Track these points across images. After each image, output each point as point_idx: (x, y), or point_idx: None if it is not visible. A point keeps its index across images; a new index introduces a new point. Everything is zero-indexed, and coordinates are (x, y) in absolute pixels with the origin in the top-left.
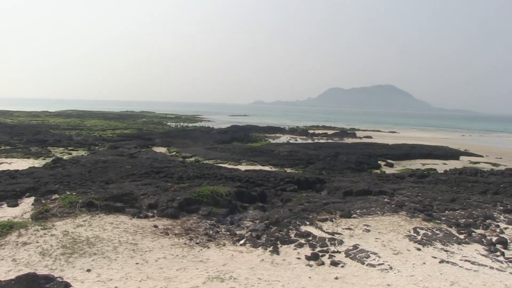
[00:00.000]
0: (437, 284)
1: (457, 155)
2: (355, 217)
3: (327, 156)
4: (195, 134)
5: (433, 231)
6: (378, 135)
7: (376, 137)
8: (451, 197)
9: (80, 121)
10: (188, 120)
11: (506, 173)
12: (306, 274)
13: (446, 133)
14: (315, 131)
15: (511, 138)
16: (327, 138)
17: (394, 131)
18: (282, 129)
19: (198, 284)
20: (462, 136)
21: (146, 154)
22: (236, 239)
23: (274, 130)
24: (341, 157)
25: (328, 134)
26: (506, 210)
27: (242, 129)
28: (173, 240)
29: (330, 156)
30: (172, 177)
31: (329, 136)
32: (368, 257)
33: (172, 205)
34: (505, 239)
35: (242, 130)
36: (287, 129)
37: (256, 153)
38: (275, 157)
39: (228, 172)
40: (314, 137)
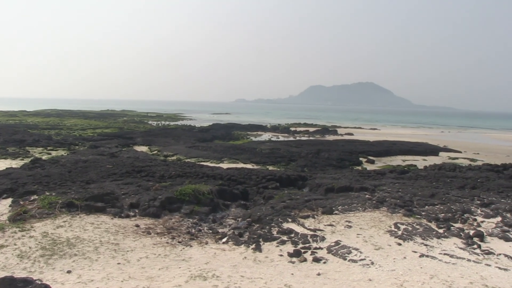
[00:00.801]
0: (417, 278)
1: (436, 151)
2: (337, 213)
3: (308, 154)
4: (176, 132)
5: (413, 226)
6: (360, 132)
7: (358, 134)
8: (430, 192)
9: (60, 120)
10: (169, 119)
11: (483, 168)
12: (288, 271)
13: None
14: (296, 128)
15: (488, 134)
16: (309, 135)
17: (375, 128)
18: (264, 127)
19: (180, 283)
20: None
21: (127, 153)
22: (219, 237)
23: (256, 128)
24: (322, 154)
25: (309, 131)
26: (483, 204)
27: (224, 127)
28: (155, 239)
29: (312, 153)
30: (154, 176)
31: (311, 133)
32: (350, 252)
33: (153, 204)
34: (482, 232)
35: (224, 128)
36: (269, 127)
37: (238, 151)
38: (257, 155)
39: (210, 170)
40: (296, 135)
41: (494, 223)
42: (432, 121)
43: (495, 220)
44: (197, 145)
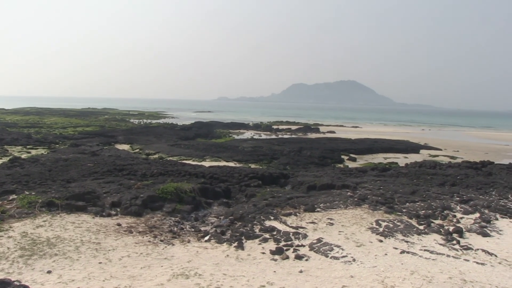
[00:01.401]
0: (398, 274)
1: (417, 148)
2: (319, 211)
3: (291, 151)
4: (158, 131)
5: (394, 223)
6: (342, 130)
7: (340, 132)
8: (411, 189)
9: (39, 118)
10: (151, 117)
11: (462, 166)
12: (271, 269)
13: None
14: (279, 126)
15: (467, 132)
16: (291, 133)
17: (357, 126)
18: (246, 125)
19: (163, 281)
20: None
21: (108, 152)
22: (201, 236)
23: (238, 126)
24: (304, 152)
25: (292, 129)
26: (462, 201)
27: (206, 125)
28: (137, 238)
29: (294, 151)
30: (136, 175)
31: (293, 131)
32: (331, 250)
33: (135, 202)
34: (461, 228)
35: (206, 126)
36: (251, 125)
37: (220, 149)
38: (239, 153)
39: (192, 168)
40: (278, 133)
41: (472, 219)
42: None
43: (473, 216)
44: (179, 143)
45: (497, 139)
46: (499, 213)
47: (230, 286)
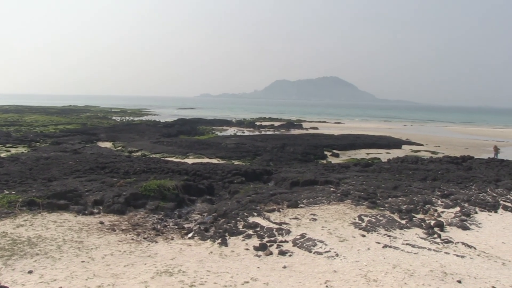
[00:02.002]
0: (380, 268)
1: (399, 144)
2: (302, 206)
3: (274, 148)
4: (141, 128)
5: (377, 217)
6: (324, 126)
7: (322, 128)
8: (393, 184)
9: (19, 116)
10: (134, 114)
11: (443, 160)
12: (254, 265)
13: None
14: (262, 123)
15: (448, 128)
16: (274, 130)
17: (340, 122)
18: (229, 121)
19: (146, 279)
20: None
21: (90, 150)
22: (184, 233)
23: (221, 122)
24: (288, 148)
25: (275, 126)
26: (443, 195)
27: (189, 122)
28: (120, 236)
29: (277, 148)
30: (118, 172)
31: (276, 127)
32: (315, 245)
33: (118, 200)
34: (442, 222)
35: (189, 123)
36: (234, 121)
37: (203, 146)
38: (222, 150)
39: (175, 165)
40: (261, 129)
41: (453, 213)
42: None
43: (454, 210)
44: (162, 140)
45: (477, 134)
46: (478, 207)
47: (214, 283)
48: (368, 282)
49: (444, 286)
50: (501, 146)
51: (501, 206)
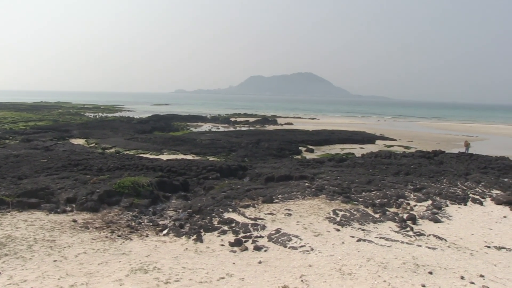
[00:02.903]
0: (354, 262)
1: (373, 139)
2: (277, 202)
3: (249, 144)
4: (115, 124)
5: (351, 212)
6: (299, 122)
7: (297, 124)
8: (367, 179)
9: None
10: (107, 110)
11: (416, 155)
12: (230, 260)
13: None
14: (236, 119)
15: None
16: (249, 125)
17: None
18: (204, 117)
19: (121, 277)
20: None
21: (63, 147)
22: (159, 230)
23: (196, 118)
24: (262, 144)
25: (249, 121)
26: (415, 189)
27: (164, 118)
28: (94, 234)
29: (252, 143)
30: (91, 169)
31: (251, 123)
32: (290, 240)
33: (91, 198)
34: (414, 216)
35: (163, 119)
36: (209, 117)
37: (178, 142)
38: (197, 146)
39: (150, 162)
40: (236, 125)
41: (425, 206)
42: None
43: (426, 204)
44: (136, 137)
45: (448, 129)
46: (449, 200)
47: (189, 279)
48: (342, 276)
49: (416, 278)
50: (471, 140)
51: (470, 199)
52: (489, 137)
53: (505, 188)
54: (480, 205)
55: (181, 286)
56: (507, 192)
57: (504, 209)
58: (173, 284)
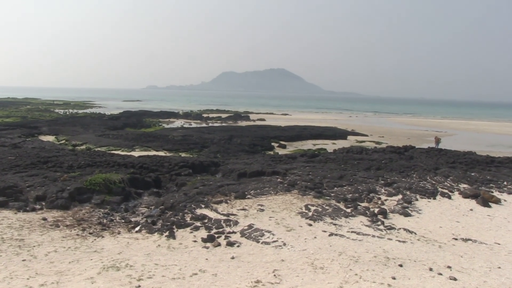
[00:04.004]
0: (326, 256)
1: (345, 135)
2: (250, 197)
3: (221, 140)
4: (85, 121)
5: (323, 207)
6: (271, 118)
7: (269, 120)
8: (339, 174)
9: None
10: (78, 107)
11: (387, 150)
12: (203, 256)
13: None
14: (209, 115)
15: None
16: (221, 121)
17: (287, 114)
18: (176, 113)
19: (92, 275)
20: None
21: (32, 144)
22: (131, 226)
23: (168, 115)
24: (235, 140)
25: (222, 117)
26: (386, 184)
27: (135, 114)
28: (65, 232)
29: (225, 140)
30: (62, 167)
31: (223, 119)
32: (262, 235)
33: (62, 195)
34: (385, 210)
35: (135, 115)
36: (181, 113)
37: (150, 138)
38: (169, 142)
39: (121, 158)
40: (208, 121)
41: (396, 200)
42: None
43: (396, 198)
44: (108, 133)
45: (418, 125)
46: (419, 194)
47: (162, 276)
48: (315, 270)
49: (386, 271)
50: (441, 136)
51: (439, 193)
52: (457, 133)
53: (472, 182)
54: (448, 199)
55: (154, 282)
56: (474, 186)
57: (470, 203)
58: (146, 281)
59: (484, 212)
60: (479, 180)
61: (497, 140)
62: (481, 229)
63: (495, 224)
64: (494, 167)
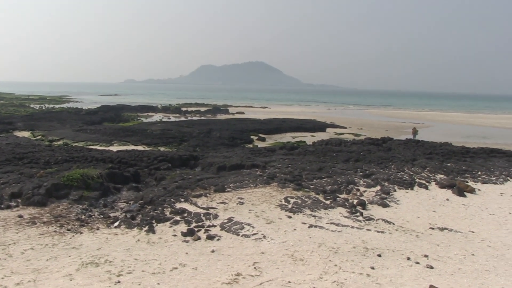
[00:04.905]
0: (306, 247)
1: (324, 127)
2: (229, 191)
3: (200, 133)
4: (62, 116)
5: (302, 199)
6: (251, 111)
7: (249, 113)
8: (318, 166)
9: None
10: (54, 102)
11: (365, 142)
12: (183, 250)
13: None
14: (188, 108)
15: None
16: (200, 115)
17: (266, 107)
18: (155, 107)
19: (71, 271)
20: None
21: (6, 140)
22: (110, 222)
23: (146, 109)
24: (214, 133)
25: (201, 111)
26: (365, 175)
27: (113, 109)
28: (42, 229)
29: (204, 133)
30: (38, 163)
31: (202, 113)
32: (242, 228)
33: (38, 192)
34: (364, 201)
35: (113, 110)
36: (159, 107)
37: (128, 133)
38: (148, 136)
39: (99, 153)
40: (187, 115)
41: (374, 191)
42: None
43: (375, 189)
44: (85, 128)
45: (396, 117)
46: (397, 185)
47: (142, 271)
48: (295, 262)
49: (365, 261)
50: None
51: (416, 184)
52: (434, 124)
53: (448, 173)
54: (425, 189)
55: (134, 278)
56: (450, 176)
57: (447, 192)
58: (126, 276)
59: (459, 201)
60: (455, 171)
61: (472, 131)
62: (456, 218)
63: (470, 213)
64: (469, 157)
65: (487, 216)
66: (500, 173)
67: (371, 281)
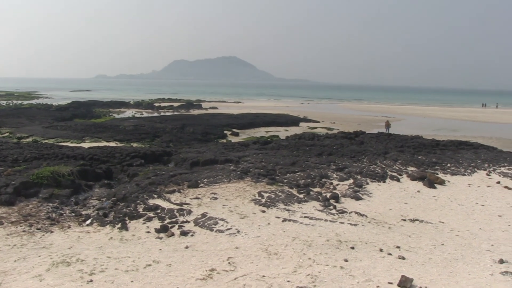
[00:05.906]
0: (280, 241)
1: (297, 121)
2: (203, 186)
3: (173, 129)
4: (31, 112)
5: (276, 193)
6: (224, 106)
7: (222, 108)
8: (292, 160)
9: None
10: (22, 98)
11: (338, 136)
12: (156, 247)
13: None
14: (161, 104)
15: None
16: (173, 110)
17: (239, 102)
18: (127, 103)
19: (41, 272)
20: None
21: None
22: (82, 220)
23: (118, 104)
24: (187, 128)
25: (174, 106)
26: (338, 169)
27: (84, 104)
28: (9, 229)
29: (177, 129)
30: (6, 161)
31: (175, 108)
32: (216, 223)
33: (6, 191)
34: (337, 194)
35: (84, 106)
36: (132, 103)
37: (100, 129)
38: (120, 132)
39: (70, 150)
40: (160, 110)
41: (347, 185)
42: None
43: (348, 182)
44: (55, 124)
45: (368, 111)
46: (370, 178)
47: (115, 269)
48: (269, 256)
49: (339, 253)
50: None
51: (388, 176)
52: (405, 118)
53: (419, 165)
54: (397, 182)
55: (107, 276)
56: (421, 169)
57: (418, 184)
58: (98, 275)
59: (430, 193)
60: (425, 163)
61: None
62: (427, 209)
63: (440, 204)
64: (439, 150)
65: (456, 206)
66: (468, 165)
67: (344, 273)
